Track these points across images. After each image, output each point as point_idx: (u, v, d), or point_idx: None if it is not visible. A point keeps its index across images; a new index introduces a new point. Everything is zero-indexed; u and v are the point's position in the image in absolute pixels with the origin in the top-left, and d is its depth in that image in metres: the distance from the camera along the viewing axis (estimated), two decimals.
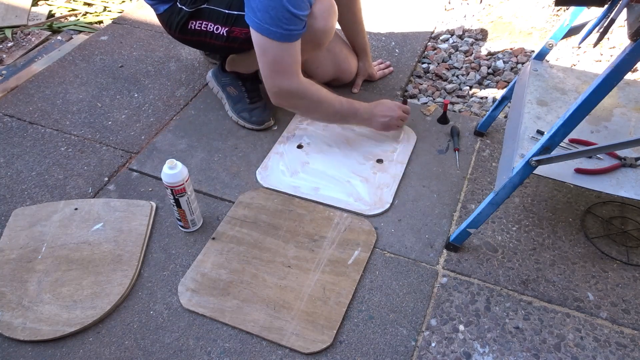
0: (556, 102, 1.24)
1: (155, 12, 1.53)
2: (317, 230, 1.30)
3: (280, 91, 1.37)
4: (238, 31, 1.43)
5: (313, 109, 1.45)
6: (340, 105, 1.45)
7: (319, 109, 1.45)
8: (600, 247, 1.26)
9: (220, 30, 1.45)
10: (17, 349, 1.09)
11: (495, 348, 1.08)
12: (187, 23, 1.47)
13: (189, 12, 1.45)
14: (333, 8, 1.36)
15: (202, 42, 1.51)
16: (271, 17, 1.22)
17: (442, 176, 1.46)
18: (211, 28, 1.45)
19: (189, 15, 1.45)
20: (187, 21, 1.47)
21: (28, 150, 1.57)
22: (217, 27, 1.45)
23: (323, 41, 1.40)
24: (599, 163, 1.11)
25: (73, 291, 1.17)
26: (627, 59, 0.84)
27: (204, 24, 1.46)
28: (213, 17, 1.44)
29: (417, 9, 2.26)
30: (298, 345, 1.07)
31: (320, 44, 1.41)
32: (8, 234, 1.30)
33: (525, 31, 2.09)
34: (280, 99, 1.40)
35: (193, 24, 1.46)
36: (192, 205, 1.27)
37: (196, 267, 1.22)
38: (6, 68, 1.97)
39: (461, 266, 1.23)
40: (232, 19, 1.42)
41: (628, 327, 1.11)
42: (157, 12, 1.52)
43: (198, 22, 1.46)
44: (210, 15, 1.44)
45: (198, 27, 1.47)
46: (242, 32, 1.41)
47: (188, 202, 1.25)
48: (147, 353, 1.08)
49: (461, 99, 1.81)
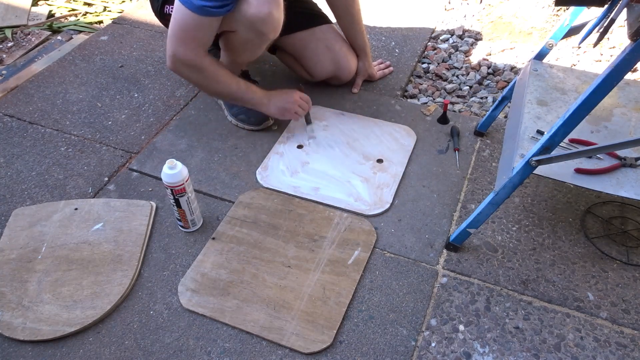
0: (556, 102, 1.24)
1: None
2: (317, 230, 1.30)
3: (175, 56, 1.36)
4: None
5: (206, 85, 1.46)
6: (237, 87, 1.46)
7: (211, 86, 1.45)
8: (600, 247, 1.26)
9: None
10: (17, 349, 1.09)
11: (495, 348, 1.08)
12: (162, 7, 1.50)
13: None
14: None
15: None
16: None
17: (442, 176, 1.46)
18: None
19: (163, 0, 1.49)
20: (163, 5, 1.50)
21: (28, 150, 1.57)
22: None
23: (262, 29, 1.34)
24: (599, 163, 1.11)
25: (73, 291, 1.17)
26: (627, 59, 0.84)
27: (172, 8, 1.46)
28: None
29: (417, 9, 2.26)
30: (298, 345, 1.07)
31: (261, 32, 1.34)
32: (8, 234, 1.30)
33: (525, 31, 2.09)
34: (175, 64, 1.39)
35: (167, 8, 1.48)
36: (192, 205, 1.27)
37: (196, 267, 1.22)
38: (6, 68, 1.97)
39: (461, 266, 1.23)
40: None
41: (628, 327, 1.11)
42: None
43: (171, 7, 1.41)
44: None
45: (170, 12, 1.44)
46: None
47: (188, 202, 1.25)
48: (147, 353, 1.08)
49: (461, 99, 1.81)
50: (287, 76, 1.84)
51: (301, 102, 1.53)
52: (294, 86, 1.58)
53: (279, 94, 1.53)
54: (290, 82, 1.79)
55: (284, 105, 1.51)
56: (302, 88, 1.59)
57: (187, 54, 1.35)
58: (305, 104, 1.54)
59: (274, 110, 1.52)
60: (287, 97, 1.52)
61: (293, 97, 1.52)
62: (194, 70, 1.39)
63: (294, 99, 1.51)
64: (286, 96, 1.52)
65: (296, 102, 1.52)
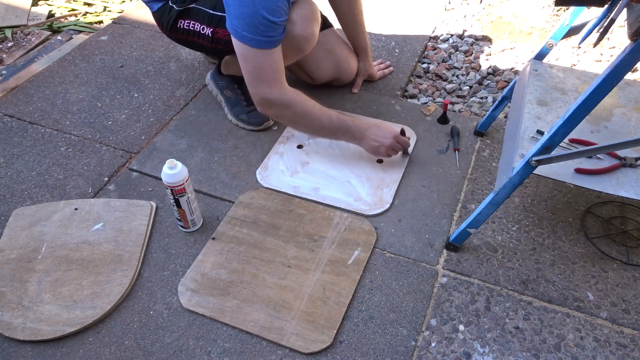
0: (556, 102, 1.24)
1: (150, 9, 1.54)
2: (317, 230, 1.30)
3: (262, 99, 1.35)
4: (221, 32, 1.42)
5: (298, 120, 1.40)
6: (329, 120, 1.38)
7: (304, 121, 1.39)
8: (600, 247, 1.26)
9: (206, 30, 1.45)
10: (17, 349, 1.09)
11: (495, 348, 1.08)
12: (176, 22, 1.48)
13: (178, 10, 1.46)
14: (314, 15, 1.35)
15: (191, 41, 1.52)
16: (248, 25, 1.20)
17: (442, 176, 1.46)
18: (198, 28, 1.46)
19: (178, 14, 1.46)
20: (177, 20, 1.47)
21: (28, 150, 1.57)
22: (203, 27, 1.45)
23: (304, 47, 1.38)
24: (599, 163, 1.11)
25: (73, 291, 1.17)
26: (627, 59, 0.84)
27: (191, 24, 1.46)
28: (200, 16, 1.44)
29: (417, 9, 2.26)
30: (298, 345, 1.07)
31: (301, 49, 1.39)
32: (8, 234, 1.30)
33: (525, 31, 2.09)
34: (264, 107, 1.37)
35: (182, 23, 1.47)
36: (192, 205, 1.27)
37: (196, 267, 1.22)
38: (6, 68, 1.97)
39: (461, 266, 1.23)
40: (216, 19, 1.42)
41: (628, 327, 1.11)
42: (152, 9, 1.53)
43: (187, 22, 1.46)
44: (197, 15, 1.45)
45: (186, 27, 1.47)
46: (226, 34, 1.39)
47: (188, 202, 1.25)
48: (147, 353, 1.08)
49: (461, 99, 1.81)
50: (288, 76, 1.84)
51: (396, 147, 1.42)
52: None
53: (374, 132, 1.40)
54: (292, 84, 1.78)
55: (378, 148, 1.40)
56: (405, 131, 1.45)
57: (274, 92, 1.32)
58: (401, 147, 1.44)
59: (366, 147, 1.43)
60: (382, 138, 1.40)
61: (389, 142, 1.39)
62: (283, 107, 1.35)
63: (389, 144, 1.39)
64: (382, 137, 1.40)
65: (391, 147, 1.40)
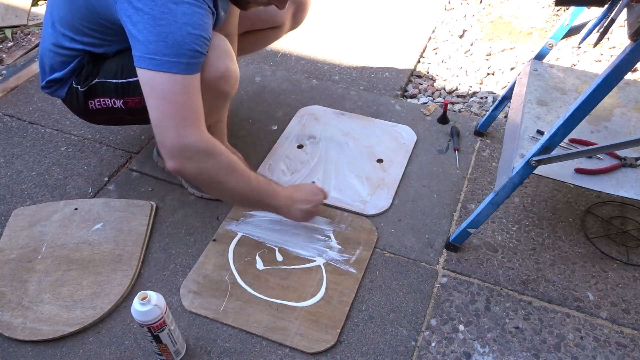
0: (556, 102, 1.24)
1: (60, 99, 1.31)
2: (317, 230, 1.30)
3: (182, 147, 1.02)
4: (131, 101, 1.20)
5: (223, 175, 1.10)
6: (255, 179, 1.16)
7: (229, 177, 1.11)
8: (600, 247, 1.26)
9: (117, 103, 1.22)
10: (17, 349, 1.09)
11: (495, 348, 1.08)
12: (86, 104, 1.25)
13: (83, 92, 1.23)
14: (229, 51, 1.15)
15: (112, 119, 1.31)
16: (170, 46, 0.97)
17: (442, 176, 1.46)
18: (109, 103, 1.23)
19: (84, 95, 1.24)
20: (86, 102, 1.25)
21: (28, 150, 1.57)
22: (114, 100, 1.22)
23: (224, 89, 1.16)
24: (599, 163, 1.11)
25: (73, 291, 1.17)
26: (627, 59, 0.84)
27: (101, 101, 1.23)
28: (106, 91, 1.22)
29: (417, 8, 2.26)
30: (302, 345, 1.07)
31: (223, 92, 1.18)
32: (8, 234, 1.30)
33: (525, 31, 2.09)
34: (181, 158, 1.04)
35: (92, 103, 1.24)
36: (174, 334, 1.01)
37: (198, 268, 1.22)
38: (6, 68, 1.96)
39: (461, 266, 1.23)
40: (122, 88, 1.20)
41: (628, 327, 1.11)
42: (61, 98, 1.30)
43: (96, 101, 1.24)
44: (103, 90, 1.22)
45: (98, 106, 1.24)
46: (136, 102, 1.19)
47: (169, 333, 0.99)
48: (147, 353, 1.08)
49: (461, 99, 1.81)
50: (288, 76, 1.84)
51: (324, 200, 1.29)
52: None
53: (302, 194, 1.26)
54: (291, 82, 1.79)
55: (311, 209, 1.26)
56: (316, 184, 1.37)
57: (199, 135, 1.04)
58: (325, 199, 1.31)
59: (296, 215, 1.25)
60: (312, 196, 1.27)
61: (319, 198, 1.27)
62: (207, 155, 1.06)
63: (319, 199, 1.27)
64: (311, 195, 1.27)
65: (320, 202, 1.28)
